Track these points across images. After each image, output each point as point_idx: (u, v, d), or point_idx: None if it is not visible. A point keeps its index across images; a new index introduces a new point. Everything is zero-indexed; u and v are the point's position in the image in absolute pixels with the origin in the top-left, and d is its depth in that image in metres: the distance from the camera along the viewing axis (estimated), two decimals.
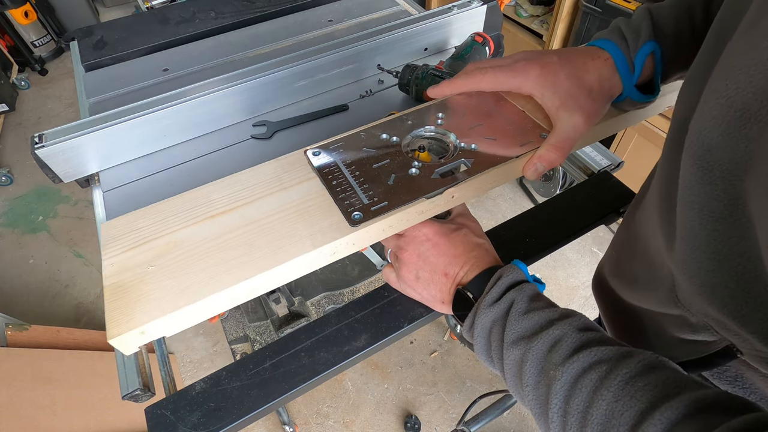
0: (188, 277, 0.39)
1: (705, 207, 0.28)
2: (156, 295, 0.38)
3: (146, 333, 0.37)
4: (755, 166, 0.24)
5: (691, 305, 0.35)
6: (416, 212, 0.43)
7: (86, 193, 1.92)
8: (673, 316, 0.39)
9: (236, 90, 0.71)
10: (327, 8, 1.02)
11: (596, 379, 0.31)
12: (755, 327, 0.29)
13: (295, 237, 0.41)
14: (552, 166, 0.44)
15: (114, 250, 0.41)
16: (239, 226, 0.42)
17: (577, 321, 0.36)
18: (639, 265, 0.43)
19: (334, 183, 0.44)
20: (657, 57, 0.44)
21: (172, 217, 0.43)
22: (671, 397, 0.27)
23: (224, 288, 0.38)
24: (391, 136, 0.48)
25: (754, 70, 0.24)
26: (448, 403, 1.48)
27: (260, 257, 0.40)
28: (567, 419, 0.32)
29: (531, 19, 1.86)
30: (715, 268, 0.29)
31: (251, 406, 0.44)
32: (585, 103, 0.42)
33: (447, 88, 0.48)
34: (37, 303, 1.75)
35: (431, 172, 0.44)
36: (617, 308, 0.50)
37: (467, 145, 0.46)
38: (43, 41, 2.79)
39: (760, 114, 0.24)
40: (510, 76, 0.44)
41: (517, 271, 0.41)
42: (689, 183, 0.29)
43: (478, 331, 0.40)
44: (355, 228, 0.41)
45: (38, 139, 0.62)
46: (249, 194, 0.45)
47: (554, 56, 0.44)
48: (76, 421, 1.18)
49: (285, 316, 0.98)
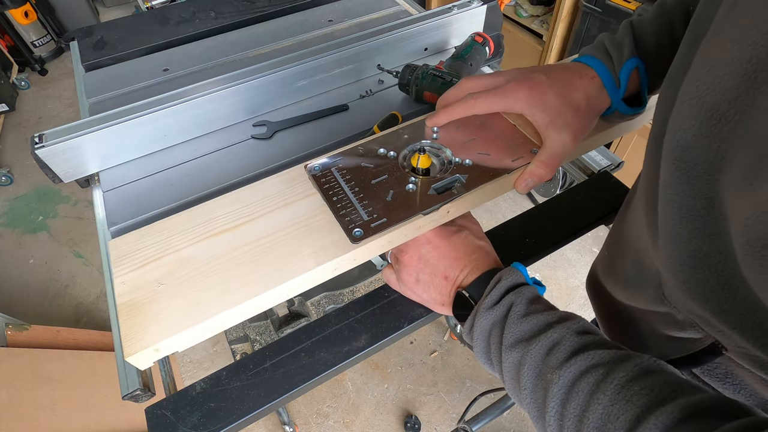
0: (197, 295, 0.40)
1: (684, 206, 0.29)
2: (167, 314, 0.39)
3: (160, 350, 0.38)
4: (728, 165, 0.25)
5: (676, 302, 0.36)
6: (414, 228, 0.44)
7: (86, 193, 1.92)
8: (661, 314, 0.39)
9: (236, 90, 0.71)
10: (327, 8, 1.02)
11: (593, 383, 0.31)
12: (736, 323, 0.29)
13: (298, 254, 0.42)
14: (541, 181, 0.45)
15: (124, 268, 0.42)
16: (244, 243, 0.43)
17: (575, 324, 0.36)
18: (629, 264, 0.44)
19: (335, 199, 0.45)
20: (641, 72, 0.45)
21: (177, 235, 0.44)
22: (667, 401, 0.27)
23: (232, 306, 0.39)
24: (389, 150, 0.49)
25: (720, 71, 0.25)
26: (448, 403, 1.48)
27: (266, 275, 0.40)
28: (564, 423, 0.32)
29: (531, 19, 1.86)
30: (696, 265, 0.30)
31: (251, 406, 0.44)
32: (573, 121, 0.44)
33: (443, 117, 0.48)
34: (37, 303, 1.75)
35: (428, 188, 0.45)
36: (610, 308, 0.51)
37: (462, 160, 0.47)
38: (43, 41, 2.79)
39: (729, 114, 0.25)
40: (501, 98, 0.45)
41: (517, 273, 0.41)
42: (668, 182, 0.30)
43: (477, 333, 0.40)
44: (356, 245, 0.42)
45: (38, 139, 0.62)
46: (252, 211, 0.45)
47: (543, 76, 0.45)
48: (76, 421, 1.18)
49: (285, 316, 0.98)
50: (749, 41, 0.23)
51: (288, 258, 0.41)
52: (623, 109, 0.47)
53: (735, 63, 0.24)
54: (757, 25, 0.23)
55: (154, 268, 0.42)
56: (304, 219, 0.44)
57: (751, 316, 0.28)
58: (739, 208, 0.23)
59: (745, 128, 0.24)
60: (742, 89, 0.24)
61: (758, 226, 0.22)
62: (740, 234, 0.23)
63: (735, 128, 0.24)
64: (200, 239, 0.44)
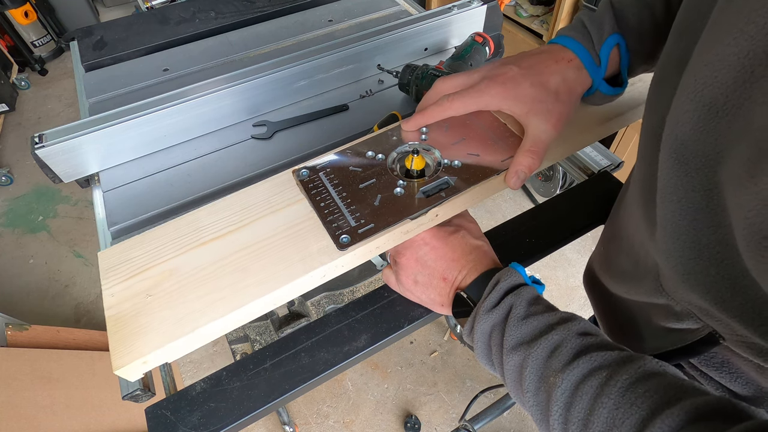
0: (185, 306, 0.39)
1: (683, 198, 0.29)
2: (154, 326, 0.38)
3: (148, 362, 0.38)
4: (727, 158, 0.25)
5: (675, 294, 0.36)
6: (401, 232, 0.44)
7: (86, 193, 1.92)
8: (659, 306, 0.40)
9: (236, 90, 0.71)
10: (327, 8, 1.02)
11: (596, 386, 0.31)
12: (736, 312, 0.30)
13: (286, 262, 0.41)
14: (531, 170, 0.44)
15: (112, 280, 0.42)
16: (232, 252, 0.42)
17: (576, 325, 0.36)
18: (625, 258, 0.44)
19: (322, 205, 0.44)
20: (622, 49, 0.44)
21: (164, 246, 0.44)
22: (671, 403, 0.27)
23: (220, 317, 0.38)
24: (377, 153, 0.48)
25: (718, 65, 0.25)
26: (448, 403, 1.48)
27: (254, 284, 0.40)
28: (568, 426, 0.32)
29: (531, 19, 1.86)
30: (696, 256, 0.30)
31: (251, 406, 0.44)
32: (553, 107, 0.43)
33: (421, 120, 0.48)
34: (37, 303, 1.75)
35: (416, 192, 0.45)
36: (608, 302, 0.51)
37: (451, 162, 0.47)
38: (43, 41, 2.79)
39: (726, 108, 0.25)
40: (475, 97, 0.44)
41: (515, 274, 0.41)
42: (668, 175, 0.30)
43: (477, 336, 0.40)
44: (343, 252, 0.41)
45: (38, 139, 0.62)
46: (240, 218, 0.45)
47: (515, 67, 0.44)
48: (76, 421, 1.18)
49: (285, 316, 0.98)
50: (746, 36, 0.23)
51: (277, 266, 0.41)
52: (605, 89, 0.46)
53: (732, 57, 0.24)
54: (753, 20, 0.23)
55: (142, 280, 0.41)
56: (292, 226, 0.44)
57: (752, 305, 0.28)
58: (741, 201, 0.24)
59: (742, 122, 0.24)
60: (739, 83, 0.24)
61: (760, 218, 0.22)
62: (742, 226, 0.24)
63: (732, 122, 0.25)
64: (188, 249, 0.43)
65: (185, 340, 0.38)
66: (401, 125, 0.49)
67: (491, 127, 0.49)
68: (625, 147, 1.64)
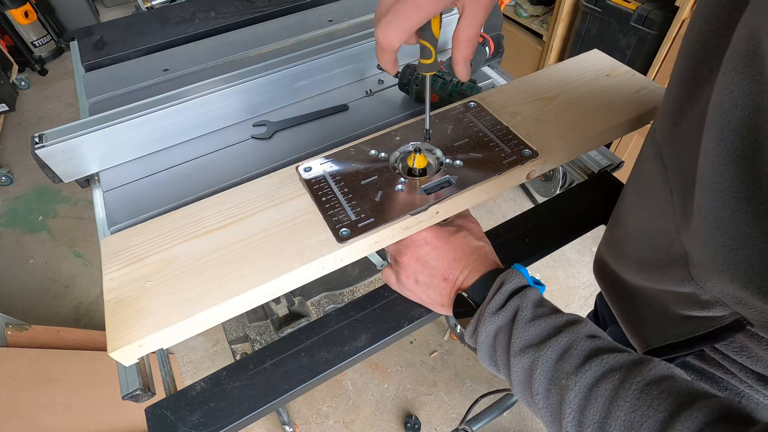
0: (183, 293, 0.40)
1: (728, 188, 0.29)
2: (153, 311, 0.39)
3: (144, 346, 0.38)
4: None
5: (706, 283, 0.36)
6: (401, 228, 0.44)
7: (86, 193, 1.92)
8: (683, 294, 0.39)
9: (236, 90, 0.71)
10: (327, 8, 1.01)
11: (611, 389, 0.31)
12: None
13: (284, 253, 0.42)
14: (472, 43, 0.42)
15: (113, 265, 0.42)
16: (232, 242, 0.43)
17: (583, 328, 0.36)
18: (643, 246, 0.44)
19: (324, 199, 0.45)
20: None
21: (166, 234, 0.45)
22: (687, 405, 0.28)
23: (216, 304, 0.39)
24: (380, 152, 0.49)
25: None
26: (448, 403, 1.48)
27: (251, 273, 0.41)
28: (583, 429, 0.32)
29: (531, 19, 1.85)
30: (738, 246, 0.30)
31: (251, 406, 0.44)
32: None
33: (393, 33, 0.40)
34: (37, 303, 1.75)
35: (417, 189, 0.45)
36: (619, 290, 0.50)
37: (452, 161, 0.47)
38: (43, 41, 2.79)
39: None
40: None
41: (519, 276, 0.41)
42: (711, 164, 0.29)
43: (482, 338, 0.40)
44: (343, 244, 0.42)
45: (38, 139, 0.62)
46: (241, 211, 0.46)
47: None
48: (76, 421, 1.18)
49: (285, 316, 0.98)
50: None
51: (275, 257, 0.42)
52: None
53: None
54: None
55: (143, 266, 0.42)
56: (292, 219, 0.44)
57: None
58: None
59: None
60: None
61: None
62: None
63: None
64: (189, 238, 0.44)
65: (182, 326, 0.39)
66: (378, 58, 0.43)
67: (494, 129, 0.50)
68: (625, 147, 1.64)
